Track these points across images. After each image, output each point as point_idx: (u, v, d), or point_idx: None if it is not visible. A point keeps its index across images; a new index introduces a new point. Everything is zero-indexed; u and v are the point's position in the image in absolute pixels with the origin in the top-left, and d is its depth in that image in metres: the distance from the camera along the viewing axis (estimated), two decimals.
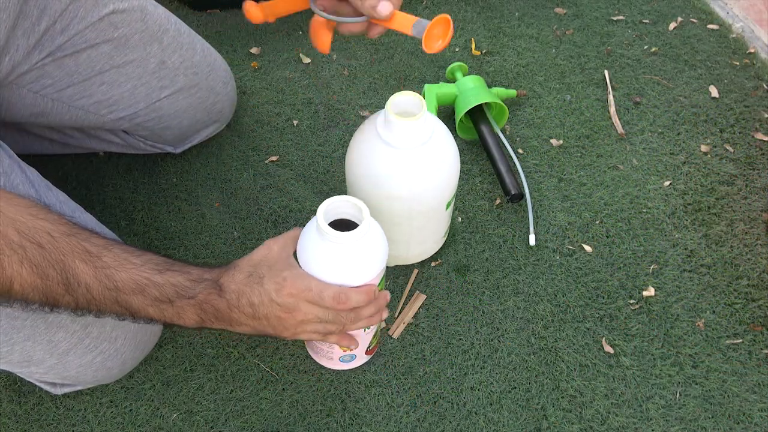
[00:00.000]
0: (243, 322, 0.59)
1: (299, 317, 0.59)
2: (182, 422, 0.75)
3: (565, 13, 1.19)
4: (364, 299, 0.61)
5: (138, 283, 0.55)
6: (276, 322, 0.59)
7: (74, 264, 0.53)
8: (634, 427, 0.74)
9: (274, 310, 0.58)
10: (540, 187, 0.95)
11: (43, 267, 0.52)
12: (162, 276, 0.57)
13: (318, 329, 0.62)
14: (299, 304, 0.59)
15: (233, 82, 0.98)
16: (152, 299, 0.56)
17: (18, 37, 0.69)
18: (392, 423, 0.74)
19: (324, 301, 0.59)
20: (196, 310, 0.58)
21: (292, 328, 0.60)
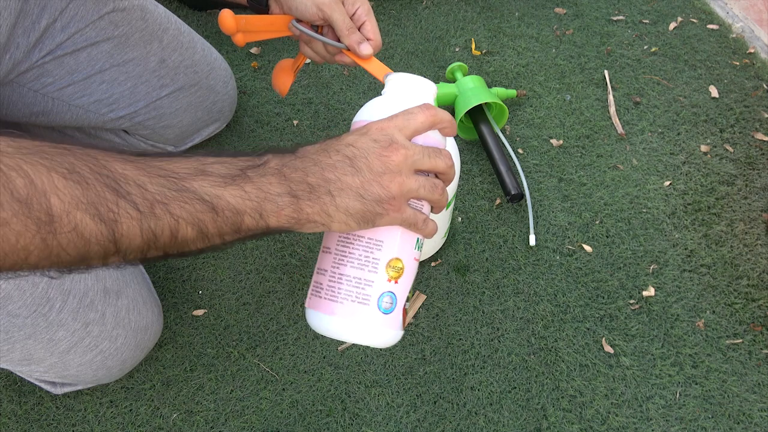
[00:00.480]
0: (343, 181, 0.46)
1: (400, 150, 0.47)
2: (182, 422, 0.74)
3: (565, 13, 1.19)
4: (449, 116, 0.52)
5: (193, 167, 0.43)
6: (381, 167, 0.47)
7: (111, 164, 0.40)
8: (634, 427, 0.74)
9: (373, 149, 0.47)
10: (540, 187, 0.95)
11: (77, 170, 0.38)
12: (217, 157, 0.45)
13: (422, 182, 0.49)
14: (394, 135, 0.48)
15: (233, 82, 0.98)
16: (221, 177, 0.43)
17: (18, 35, 0.69)
18: (392, 423, 0.74)
19: (413, 114, 0.49)
20: (279, 179, 0.44)
21: (398, 176, 0.47)
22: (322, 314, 0.50)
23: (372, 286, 0.50)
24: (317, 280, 0.52)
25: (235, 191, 0.43)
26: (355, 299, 0.49)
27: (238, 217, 0.43)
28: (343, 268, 0.50)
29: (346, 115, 1.04)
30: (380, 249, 0.50)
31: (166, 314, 0.82)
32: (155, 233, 0.40)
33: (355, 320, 0.49)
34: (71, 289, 0.64)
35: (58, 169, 0.37)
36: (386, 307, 0.51)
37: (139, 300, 0.73)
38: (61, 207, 0.37)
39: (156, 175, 0.41)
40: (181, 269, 0.87)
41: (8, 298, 0.60)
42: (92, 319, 0.66)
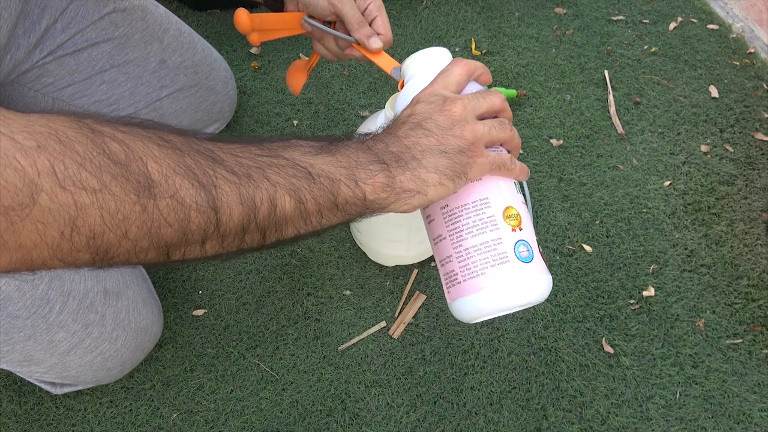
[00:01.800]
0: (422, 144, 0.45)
1: (458, 102, 0.47)
2: (182, 422, 0.74)
3: (565, 13, 1.19)
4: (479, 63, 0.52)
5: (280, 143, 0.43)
6: (447, 121, 0.46)
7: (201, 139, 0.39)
8: (634, 427, 0.74)
9: (431, 109, 0.47)
10: (540, 187, 0.95)
11: (169, 140, 0.37)
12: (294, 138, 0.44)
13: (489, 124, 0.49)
14: (443, 92, 0.49)
15: (233, 82, 0.98)
16: (311, 147, 0.43)
17: (19, 36, 0.69)
18: (392, 423, 0.74)
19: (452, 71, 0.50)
20: (365, 149, 0.44)
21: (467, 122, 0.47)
22: (469, 297, 0.47)
23: (502, 242, 0.47)
24: (448, 270, 0.49)
25: (327, 158, 0.42)
26: (495, 262, 0.47)
27: (335, 185, 0.42)
28: (465, 242, 0.48)
29: (346, 115, 1.04)
30: (489, 206, 0.48)
31: (166, 314, 0.82)
32: (254, 202, 0.38)
33: (505, 283, 0.46)
34: (71, 291, 0.64)
35: (152, 137, 0.36)
36: (525, 255, 0.48)
37: (139, 301, 0.73)
38: (160, 171, 0.35)
39: (247, 149, 0.40)
40: (181, 269, 0.87)
41: (8, 300, 0.60)
42: (92, 321, 0.66)
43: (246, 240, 0.40)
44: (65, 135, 0.32)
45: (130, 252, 0.35)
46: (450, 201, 0.49)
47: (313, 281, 0.86)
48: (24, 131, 0.31)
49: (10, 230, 0.31)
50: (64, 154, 0.31)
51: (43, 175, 0.31)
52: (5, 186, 0.30)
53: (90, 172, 0.32)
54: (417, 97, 0.49)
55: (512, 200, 0.49)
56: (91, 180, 0.32)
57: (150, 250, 0.36)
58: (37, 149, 0.31)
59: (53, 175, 0.31)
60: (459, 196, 0.49)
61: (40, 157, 0.31)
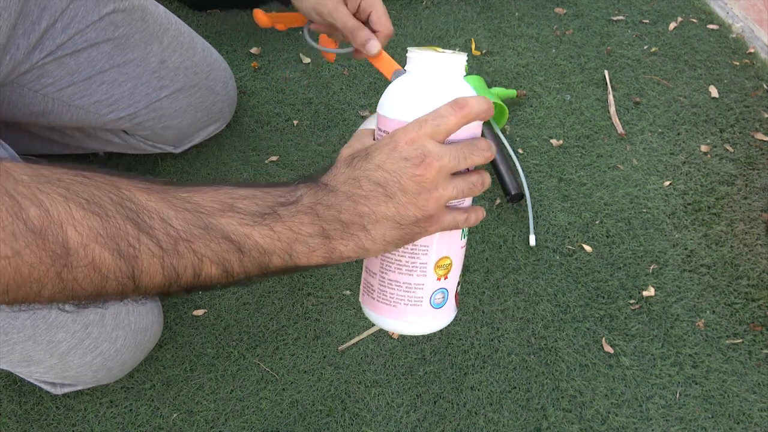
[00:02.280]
0: (379, 214, 0.43)
1: (434, 164, 0.43)
2: (182, 422, 0.75)
3: (565, 13, 1.19)
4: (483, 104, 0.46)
5: (222, 201, 0.41)
6: (415, 187, 0.43)
7: (134, 194, 0.38)
8: (634, 427, 0.74)
9: (405, 169, 0.43)
10: (540, 187, 0.95)
11: (97, 201, 0.36)
12: (244, 189, 0.42)
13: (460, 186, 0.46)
14: (426, 145, 0.43)
15: (233, 82, 0.98)
16: (250, 215, 0.41)
17: (19, 36, 0.69)
18: (392, 423, 0.74)
19: (445, 119, 0.44)
20: (311, 218, 0.42)
21: (434, 192, 0.44)
22: (377, 315, 0.52)
23: (423, 288, 0.50)
24: (367, 280, 0.52)
25: (264, 231, 0.41)
26: (408, 302, 0.50)
27: (266, 257, 0.41)
28: (391, 274, 0.49)
29: (346, 115, 1.04)
30: (426, 253, 0.49)
31: (166, 314, 0.82)
32: (177, 271, 0.39)
33: (410, 320, 0.51)
34: None
35: (77, 199, 0.36)
36: (438, 302, 0.52)
37: None
38: (78, 240, 0.35)
39: (182, 208, 0.39)
40: None
41: None
42: (92, 321, 0.66)
43: (170, 292, 0.41)
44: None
45: (47, 303, 0.37)
46: None
47: (313, 281, 0.86)
48: None
49: None
50: None
51: None
52: None
53: (2, 240, 0.33)
54: (397, 139, 0.44)
55: (451, 250, 0.50)
56: (4, 248, 0.33)
57: (67, 303, 0.38)
58: None
59: None
60: None
61: None
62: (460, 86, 0.48)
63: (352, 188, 0.43)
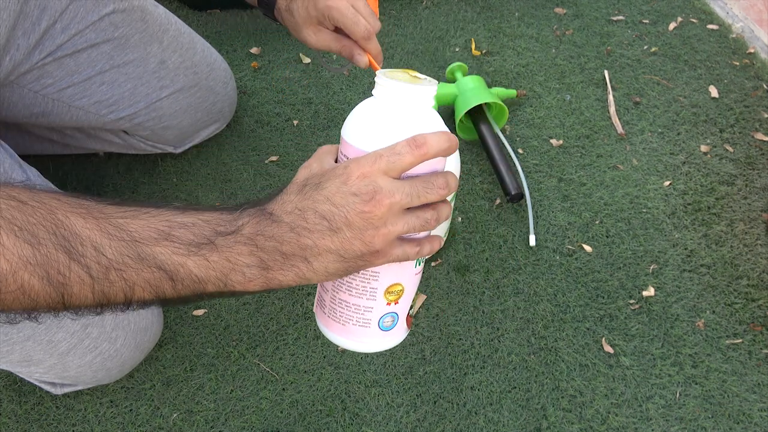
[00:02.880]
0: (321, 247, 0.43)
1: (384, 201, 0.42)
2: (182, 422, 0.75)
3: (565, 13, 1.19)
4: (444, 141, 0.45)
5: (159, 229, 0.41)
6: (362, 226, 0.43)
7: (69, 220, 0.39)
8: (634, 427, 0.74)
9: (353, 204, 0.42)
10: (540, 187, 0.95)
11: (29, 228, 0.37)
12: (186, 215, 0.42)
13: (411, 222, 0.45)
14: (378, 182, 0.43)
15: (233, 82, 0.98)
16: (185, 245, 0.41)
17: (18, 36, 0.70)
18: (392, 423, 0.74)
19: (401, 156, 0.43)
20: (249, 249, 0.42)
21: (383, 228, 0.43)
22: (326, 329, 0.52)
23: (372, 311, 0.50)
24: (320, 294, 0.52)
25: (198, 261, 0.41)
26: (357, 323, 0.50)
27: (200, 285, 0.42)
28: (342, 294, 0.49)
29: (345, 115, 1.04)
30: (377, 279, 0.49)
31: (166, 314, 0.82)
32: (108, 297, 0.40)
33: (359, 339, 0.51)
34: None
35: (9, 227, 0.37)
36: (387, 325, 0.52)
37: None
38: (7, 267, 0.37)
39: (116, 237, 0.40)
40: None
41: None
42: (91, 321, 0.66)
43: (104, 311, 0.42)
44: None
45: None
46: None
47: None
48: None
49: None
50: None
51: None
52: None
53: None
54: (349, 171, 0.43)
55: (403, 277, 0.50)
56: None
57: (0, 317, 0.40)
58: None
59: None
60: None
61: None
62: (425, 119, 0.47)
63: (296, 220, 0.42)
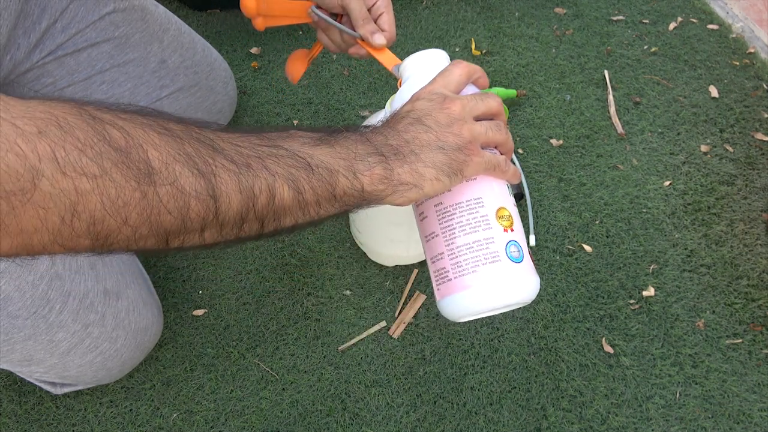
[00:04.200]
0: (421, 139, 0.46)
1: (457, 101, 0.49)
2: (182, 422, 0.74)
3: (565, 13, 1.19)
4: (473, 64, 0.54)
5: (280, 132, 0.43)
6: (446, 119, 0.47)
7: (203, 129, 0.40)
8: (634, 427, 0.74)
9: (431, 107, 0.48)
10: (540, 187, 0.95)
11: (169, 128, 0.37)
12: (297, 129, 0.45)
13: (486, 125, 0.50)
14: (443, 92, 0.50)
15: (233, 82, 0.98)
16: (309, 138, 0.44)
17: (19, 35, 0.69)
18: (392, 423, 0.74)
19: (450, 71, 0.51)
20: (364, 141, 0.45)
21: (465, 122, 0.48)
22: (458, 295, 0.48)
23: (494, 241, 0.47)
24: (439, 267, 0.49)
25: (326, 149, 0.43)
26: (486, 261, 0.47)
27: (333, 176, 0.42)
28: (457, 240, 0.48)
29: (346, 115, 1.04)
30: (482, 205, 0.48)
31: (166, 314, 0.82)
32: (254, 191, 0.39)
33: (495, 282, 0.47)
34: (71, 291, 0.64)
35: (153, 125, 0.36)
36: (516, 256, 0.48)
37: (139, 301, 0.73)
38: (160, 158, 0.35)
39: (248, 134, 0.41)
40: (181, 269, 0.87)
41: (8, 300, 0.60)
42: (92, 321, 0.66)
43: (244, 229, 0.40)
44: (66, 121, 0.32)
45: (129, 238, 0.35)
46: (444, 199, 0.49)
47: (313, 281, 0.86)
48: (25, 117, 0.31)
49: (11, 215, 0.31)
50: (65, 140, 0.31)
51: (44, 161, 0.31)
52: (6, 171, 0.30)
53: (91, 158, 0.32)
54: (417, 95, 0.50)
55: (505, 201, 0.50)
56: (92, 166, 0.32)
57: (149, 237, 0.36)
58: (38, 135, 0.31)
59: (54, 161, 0.31)
60: (453, 195, 0.49)
61: (41, 142, 0.31)
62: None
63: (393, 125, 0.47)
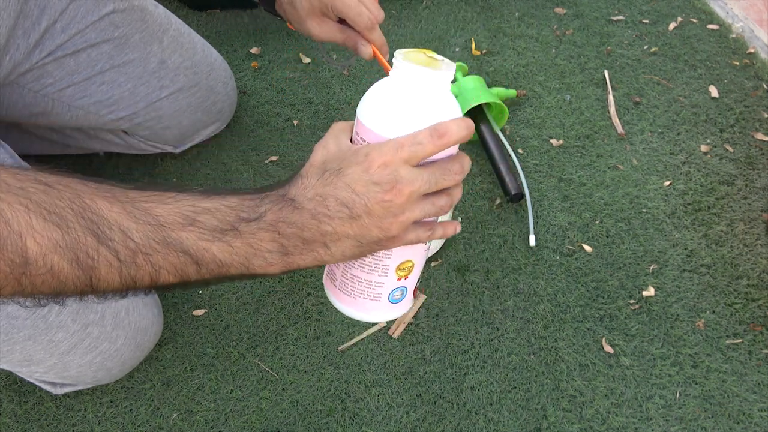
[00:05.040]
0: (340, 233, 0.44)
1: (405, 190, 0.43)
2: (182, 422, 0.75)
3: (565, 13, 1.19)
4: (464, 129, 0.45)
5: (184, 214, 0.41)
6: (381, 213, 0.44)
7: (96, 203, 0.39)
8: (634, 427, 0.74)
9: (374, 193, 0.43)
10: (540, 187, 0.95)
11: (58, 212, 0.38)
12: (211, 200, 0.43)
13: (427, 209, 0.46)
14: (399, 171, 0.43)
15: (233, 82, 0.98)
16: (210, 231, 0.42)
17: (18, 36, 0.70)
18: (392, 423, 0.74)
19: (423, 146, 0.44)
20: (271, 235, 0.43)
21: (400, 216, 0.45)
22: (335, 299, 0.54)
23: (383, 286, 0.51)
24: (331, 268, 0.53)
25: (223, 246, 0.42)
26: (367, 297, 0.51)
27: (223, 269, 0.43)
28: (354, 270, 0.50)
29: (346, 115, 1.04)
30: (389, 257, 0.49)
31: (166, 314, 0.82)
32: (135, 280, 0.41)
33: (367, 311, 0.53)
34: None
35: (38, 210, 0.37)
36: (396, 298, 0.53)
37: (139, 301, 0.73)
38: (37, 250, 0.37)
39: (143, 221, 0.40)
40: None
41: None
42: (92, 321, 0.66)
43: (128, 295, 0.43)
44: None
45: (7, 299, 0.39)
46: None
47: (313, 281, 0.86)
48: None
49: None
50: None
51: None
52: None
53: None
54: (371, 159, 0.43)
55: (414, 255, 0.51)
56: None
57: (27, 301, 0.40)
58: None
59: None
60: None
61: None
62: (444, 105, 0.47)
63: (318, 206, 0.43)
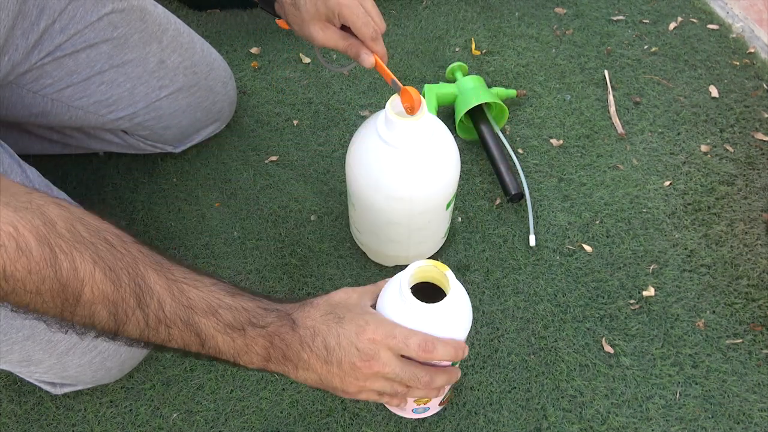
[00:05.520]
0: (311, 366, 0.53)
1: (375, 368, 0.52)
2: (182, 422, 0.75)
3: (565, 13, 1.19)
4: (451, 353, 0.54)
5: (210, 304, 0.49)
6: (348, 372, 0.53)
7: (147, 272, 0.46)
8: (634, 427, 0.74)
9: (351, 356, 0.52)
10: (540, 187, 0.95)
11: (117, 270, 0.45)
12: (234, 299, 0.50)
13: (385, 388, 0.55)
14: (379, 352, 0.52)
15: (233, 82, 0.98)
16: (224, 325, 0.49)
17: (17, 36, 0.70)
18: (392, 423, 0.74)
19: (408, 347, 0.53)
20: (265, 343, 0.51)
21: (361, 381, 0.53)
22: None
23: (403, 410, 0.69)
24: None
25: (227, 339, 0.50)
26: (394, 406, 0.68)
27: (218, 354, 0.51)
28: None
29: (346, 115, 1.04)
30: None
31: None
32: (149, 339, 0.48)
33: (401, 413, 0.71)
34: None
35: (102, 265, 0.44)
36: (420, 412, 0.67)
37: None
38: (90, 298, 0.44)
39: (177, 299, 0.48)
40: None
41: None
42: None
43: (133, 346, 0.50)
44: (25, 243, 0.40)
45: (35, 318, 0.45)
46: None
47: (313, 281, 0.86)
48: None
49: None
50: (17, 261, 0.40)
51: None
52: None
53: (32, 282, 0.41)
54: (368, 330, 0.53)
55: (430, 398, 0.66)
56: (31, 284, 0.42)
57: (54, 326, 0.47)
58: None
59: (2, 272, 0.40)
60: None
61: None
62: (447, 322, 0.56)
63: (307, 337, 0.52)
